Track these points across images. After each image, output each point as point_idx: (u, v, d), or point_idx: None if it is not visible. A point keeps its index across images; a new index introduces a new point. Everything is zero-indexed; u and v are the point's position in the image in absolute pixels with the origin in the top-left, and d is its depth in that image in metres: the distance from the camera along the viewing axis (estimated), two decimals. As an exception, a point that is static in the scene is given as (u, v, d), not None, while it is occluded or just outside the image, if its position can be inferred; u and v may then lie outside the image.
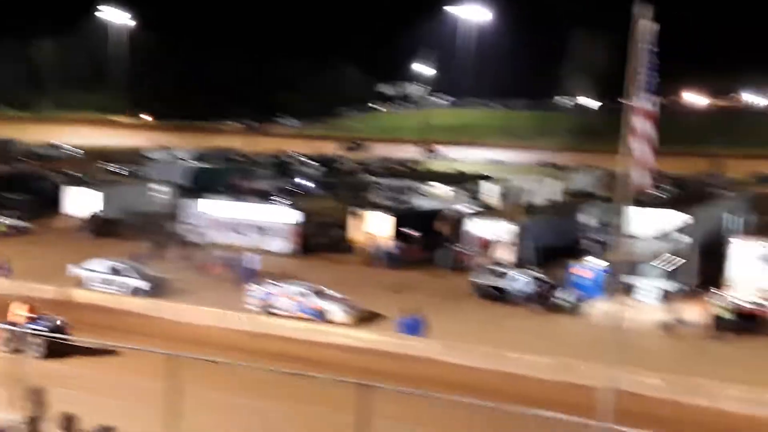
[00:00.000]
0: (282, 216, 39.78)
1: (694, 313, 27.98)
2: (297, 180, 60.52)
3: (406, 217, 39.70)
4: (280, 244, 38.70)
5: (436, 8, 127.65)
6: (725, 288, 29.74)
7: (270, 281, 28.58)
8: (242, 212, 40.57)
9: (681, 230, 32.54)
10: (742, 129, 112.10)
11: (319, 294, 27.39)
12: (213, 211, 40.76)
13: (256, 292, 27.91)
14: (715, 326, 26.16)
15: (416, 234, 38.08)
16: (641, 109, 13.64)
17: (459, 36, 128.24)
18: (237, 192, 49.53)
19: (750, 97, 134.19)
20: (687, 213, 32.35)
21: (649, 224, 33.51)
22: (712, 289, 28.78)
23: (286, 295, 27.34)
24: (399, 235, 37.36)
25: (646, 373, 20.80)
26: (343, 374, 13.79)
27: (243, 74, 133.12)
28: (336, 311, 26.59)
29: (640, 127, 13.66)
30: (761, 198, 51.97)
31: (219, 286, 30.50)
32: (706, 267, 33.20)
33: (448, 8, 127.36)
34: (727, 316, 25.91)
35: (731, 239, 32.49)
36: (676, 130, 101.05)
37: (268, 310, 27.13)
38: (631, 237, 31.65)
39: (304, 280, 29.05)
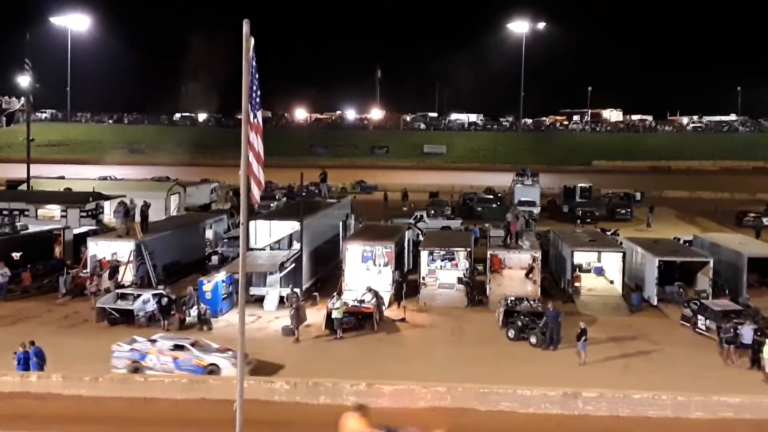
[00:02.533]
0: None
1: (314, 315, 29.84)
2: None
3: (9, 241, 36.17)
4: None
5: (39, 17, 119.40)
6: (344, 289, 32.14)
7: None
8: None
9: (294, 238, 34.36)
10: (343, 142, 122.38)
11: (198, 346, 23.96)
12: None
13: (122, 348, 23.76)
14: (330, 326, 28.12)
15: (23, 260, 35.07)
16: (255, 124, 14.05)
17: (64, 48, 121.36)
18: None
19: (348, 113, 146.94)
20: (301, 222, 34.16)
21: (267, 234, 34.93)
22: (334, 292, 30.98)
23: (159, 351, 23.59)
24: (6, 263, 33.88)
25: (272, 379, 21.65)
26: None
27: None
28: (228, 366, 23.09)
29: (255, 141, 14.06)
30: (362, 204, 57.48)
31: None
32: (322, 270, 35.67)
33: (54, 19, 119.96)
34: (340, 315, 27.99)
35: (345, 243, 35.18)
36: (286, 143, 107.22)
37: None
38: (253, 248, 32.83)
39: None
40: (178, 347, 23.67)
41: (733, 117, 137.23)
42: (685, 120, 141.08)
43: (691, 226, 55.27)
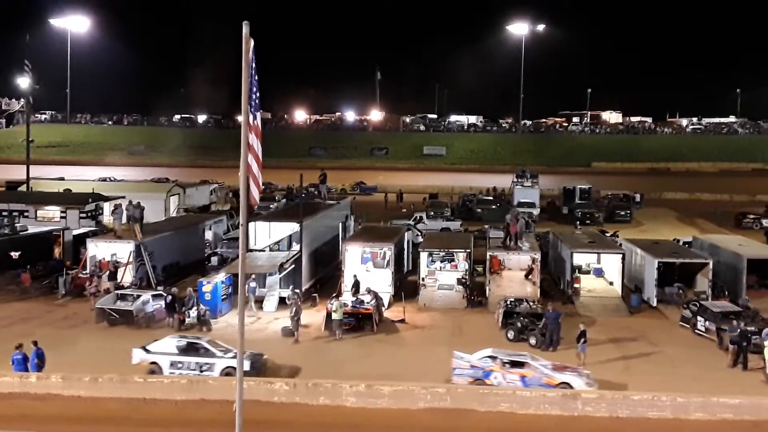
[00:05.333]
0: None
1: (314, 316, 29.87)
2: None
3: (9, 242, 36.18)
4: None
5: (38, 19, 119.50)
6: (343, 290, 32.15)
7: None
8: None
9: (294, 239, 34.37)
10: (343, 143, 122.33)
11: (536, 360, 23.17)
12: None
13: (462, 365, 23.17)
14: (330, 327, 28.12)
15: (22, 260, 35.11)
16: (254, 126, 14.06)
17: (64, 50, 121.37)
18: None
19: (348, 115, 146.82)
20: (301, 223, 34.17)
21: (267, 235, 34.92)
22: (334, 293, 31.04)
23: (503, 369, 22.82)
24: (5, 263, 33.94)
25: (272, 380, 21.65)
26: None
27: None
28: (581, 384, 22.17)
29: (254, 143, 14.08)
30: (362, 205, 57.48)
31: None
32: (322, 271, 35.67)
33: (54, 21, 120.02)
34: (339, 316, 28.00)
35: (344, 244, 35.20)
36: (285, 144, 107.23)
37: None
38: (253, 249, 32.82)
39: None
40: (518, 364, 22.81)
41: (732, 119, 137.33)
42: (684, 122, 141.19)
43: (690, 227, 55.27)
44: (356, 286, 31.80)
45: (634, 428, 20.14)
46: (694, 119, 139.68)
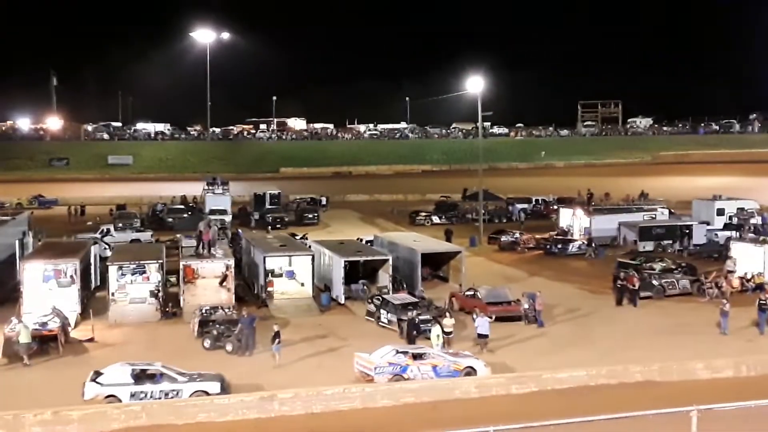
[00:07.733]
0: None
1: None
2: None
3: None
4: None
5: None
6: (23, 312, 29.76)
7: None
8: None
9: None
10: (17, 154, 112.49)
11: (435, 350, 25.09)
12: None
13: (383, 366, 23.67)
14: (10, 353, 25.97)
15: None
16: None
17: None
18: None
19: (21, 123, 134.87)
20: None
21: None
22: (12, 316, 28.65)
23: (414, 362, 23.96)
24: None
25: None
26: None
27: None
28: (482, 367, 24.26)
29: None
30: (41, 220, 53.60)
31: None
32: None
33: None
34: (26, 339, 25.99)
35: (23, 262, 32.66)
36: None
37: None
38: None
39: None
40: (422, 355, 24.19)
41: (403, 125, 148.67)
42: (362, 128, 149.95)
43: (371, 226, 59.16)
44: None
45: (327, 421, 21.33)
46: (371, 125, 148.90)
